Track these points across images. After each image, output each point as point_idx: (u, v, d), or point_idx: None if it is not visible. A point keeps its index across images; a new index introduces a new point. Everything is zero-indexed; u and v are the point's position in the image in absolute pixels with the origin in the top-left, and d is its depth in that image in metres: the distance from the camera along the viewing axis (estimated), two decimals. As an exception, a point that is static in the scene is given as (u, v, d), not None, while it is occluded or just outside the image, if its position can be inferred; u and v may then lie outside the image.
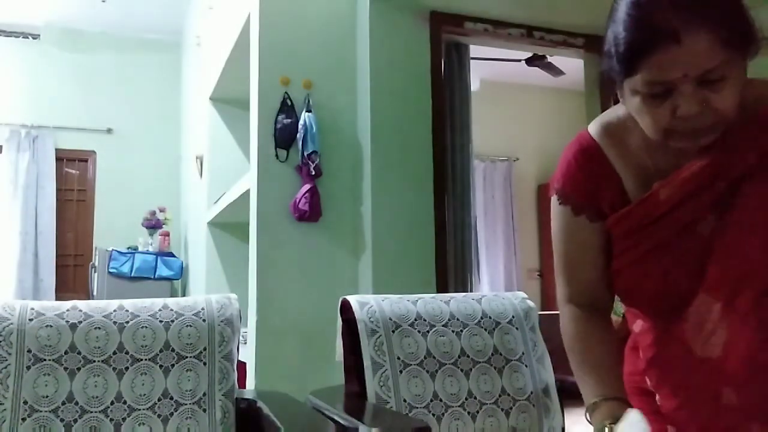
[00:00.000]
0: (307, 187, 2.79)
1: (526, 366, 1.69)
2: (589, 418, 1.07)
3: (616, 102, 1.13)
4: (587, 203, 1.12)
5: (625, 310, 1.20)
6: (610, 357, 1.12)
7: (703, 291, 1.01)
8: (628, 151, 1.09)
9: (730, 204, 1.00)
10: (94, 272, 5.22)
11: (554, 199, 1.16)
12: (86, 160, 5.92)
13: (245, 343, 2.88)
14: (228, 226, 4.21)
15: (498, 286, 6.37)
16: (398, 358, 1.62)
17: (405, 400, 1.57)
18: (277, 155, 2.86)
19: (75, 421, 1.38)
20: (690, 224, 1.02)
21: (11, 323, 1.43)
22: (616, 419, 1.00)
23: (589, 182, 1.12)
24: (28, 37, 5.79)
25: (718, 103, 0.93)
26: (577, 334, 1.14)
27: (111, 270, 5.09)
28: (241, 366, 2.76)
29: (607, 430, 1.00)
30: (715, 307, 1.00)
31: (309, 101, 2.87)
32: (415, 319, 1.69)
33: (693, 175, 1.01)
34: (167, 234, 5.44)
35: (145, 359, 1.47)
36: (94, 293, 5.13)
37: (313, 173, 2.79)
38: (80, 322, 1.47)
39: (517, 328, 1.74)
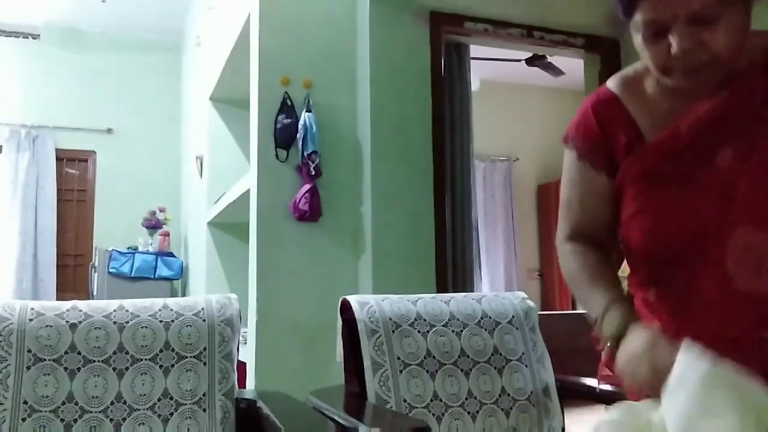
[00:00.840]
0: (307, 187, 2.78)
1: (526, 366, 1.69)
2: (600, 329, 1.08)
3: None
4: (596, 149, 1.15)
5: (631, 286, 1.17)
6: (615, 276, 1.14)
7: (742, 223, 1.00)
8: (645, 98, 1.12)
9: (750, 134, 1.02)
10: (94, 272, 5.22)
11: (567, 148, 1.21)
12: (86, 160, 5.92)
13: (245, 343, 2.88)
14: (228, 226, 4.21)
15: (498, 286, 6.37)
16: (398, 358, 1.62)
17: (405, 400, 1.57)
18: (277, 155, 2.86)
19: (75, 421, 1.38)
20: (708, 156, 1.04)
21: (11, 323, 1.43)
22: (627, 324, 1.04)
23: (602, 128, 1.14)
24: (28, 37, 5.79)
25: (712, 41, 0.96)
26: (580, 259, 1.17)
27: (111, 270, 5.09)
28: (241, 366, 2.76)
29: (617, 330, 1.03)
30: (762, 237, 1.00)
31: (309, 101, 2.87)
32: (415, 319, 1.69)
33: (713, 107, 1.04)
34: (167, 234, 5.44)
35: (145, 359, 1.47)
36: (94, 293, 5.13)
37: (313, 173, 2.79)
38: (80, 322, 1.47)
39: (517, 328, 1.74)
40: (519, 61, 5.17)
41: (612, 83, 1.17)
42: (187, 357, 1.50)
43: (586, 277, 1.15)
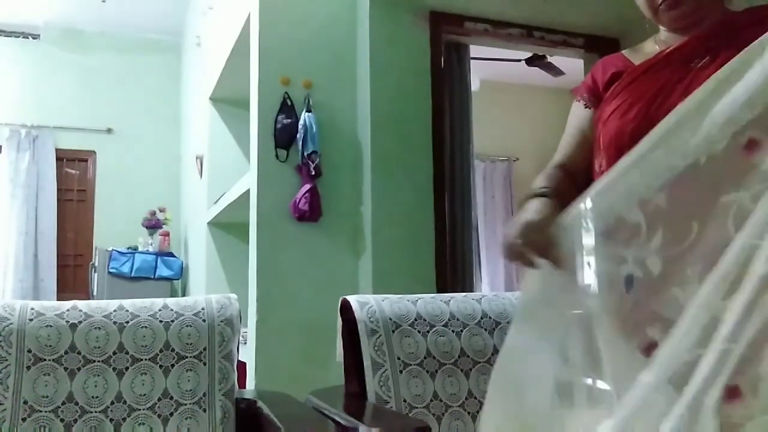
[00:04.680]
0: (307, 187, 2.78)
1: (526, 366, 1.69)
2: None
3: None
4: (589, 89, 1.35)
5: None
6: (561, 185, 1.28)
7: None
8: (644, 52, 1.32)
9: (721, 51, 1.17)
10: (94, 272, 5.22)
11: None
12: (86, 160, 5.92)
13: (245, 343, 2.88)
14: (228, 226, 4.21)
15: (498, 286, 6.36)
16: (398, 358, 1.62)
17: (405, 400, 1.57)
18: (277, 155, 2.86)
19: (75, 421, 1.38)
20: (686, 60, 1.20)
21: (11, 323, 1.43)
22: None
23: (600, 67, 1.36)
24: (28, 37, 5.79)
25: None
26: (545, 173, 1.33)
27: (111, 270, 5.09)
28: (241, 366, 2.76)
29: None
30: None
31: (309, 101, 2.87)
32: (415, 319, 1.69)
33: (693, 36, 1.22)
34: (167, 234, 5.44)
35: (145, 359, 1.47)
36: (94, 293, 5.13)
37: (313, 173, 2.79)
38: (80, 322, 1.47)
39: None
40: (519, 61, 5.16)
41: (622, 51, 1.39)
42: (187, 357, 1.50)
43: (540, 177, 1.31)
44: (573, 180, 1.32)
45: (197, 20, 4.94)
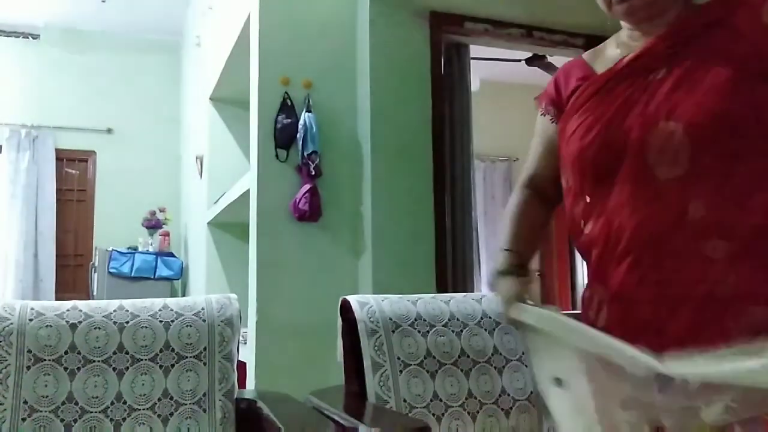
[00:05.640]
0: (307, 187, 2.79)
1: (526, 366, 1.69)
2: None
3: None
4: (553, 102, 1.36)
5: (568, 197, 1.30)
6: (532, 229, 1.38)
7: (661, 119, 1.11)
8: (605, 56, 1.31)
9: (680, 60, 1.15)
10: (94, 272, 5.22)
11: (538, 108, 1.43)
12: (86, 160, 5.92)
13: (245, 343, 2.88)
14: (228, 226, 4.21)
15: (498, 286, 6.35)
16: (398, 358, 1.62)
17: (405, 400, 1.57)
18: (277, 155, 2.86)
19: (75, 421, 1.38)
20: (646, 70, 1.18)
21: (11, 323, 1.43)
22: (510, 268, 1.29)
23: (562, 80, 1.34)
24: (28, 37, 5.79)
25: None
26: (515, 203, 1.40)
27: (111, 270, 5.09)
28: (241, 366, 2.76)
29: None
30: (675, 126, 1.10)
31: (309, 101, 2.87)
32: (415, 319, 1.69)
33: (651, 43, 1.20)
34: (167, 234, 5.44)
35: (145, 359, 1.47)
36: (94, 293, 5.13)
37: (313, 173, 2.79)
38: (80, 322, 1.47)
39: (517, 328, 1.74)
40: (519, 61, 5.16)
41: (583, 53, 1.38)
42: (187, 357, 1.50)
43: (509, 220, 1.38)
44: (543, 197, 1.39)
45: (197, 20, 4.95)
